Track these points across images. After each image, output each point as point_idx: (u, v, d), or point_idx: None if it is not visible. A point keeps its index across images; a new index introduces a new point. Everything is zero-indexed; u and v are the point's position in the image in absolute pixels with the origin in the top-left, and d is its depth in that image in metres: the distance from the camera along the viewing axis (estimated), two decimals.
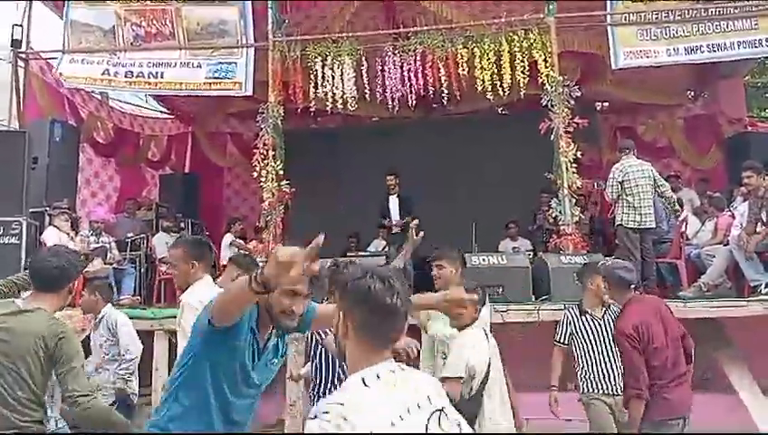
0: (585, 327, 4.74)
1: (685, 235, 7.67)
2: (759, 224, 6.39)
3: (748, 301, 5.98)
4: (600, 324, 4.73)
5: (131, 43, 8.53)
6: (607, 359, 4.60)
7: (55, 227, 7.60)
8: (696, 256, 7.52)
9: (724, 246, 6.89)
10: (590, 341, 4.68)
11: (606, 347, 4.63)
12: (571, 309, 4.94)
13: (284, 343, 2.48)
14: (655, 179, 7.08)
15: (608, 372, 4.57)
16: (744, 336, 5.86)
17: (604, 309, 4.77)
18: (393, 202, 8.98)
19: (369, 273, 1.76)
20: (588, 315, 4.78)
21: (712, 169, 10.81)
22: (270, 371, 2.41)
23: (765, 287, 6.10)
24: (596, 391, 4.54)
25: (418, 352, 3.26)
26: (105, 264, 8.07)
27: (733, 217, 7.47)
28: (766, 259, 6.33)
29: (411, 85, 7.99)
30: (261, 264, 2.38)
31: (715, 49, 7.66)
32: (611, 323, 4.61)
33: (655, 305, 4.17)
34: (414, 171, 9.64)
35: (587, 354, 4.66)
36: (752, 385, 5.65)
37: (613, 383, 4.52)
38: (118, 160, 11.09)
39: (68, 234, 7.67)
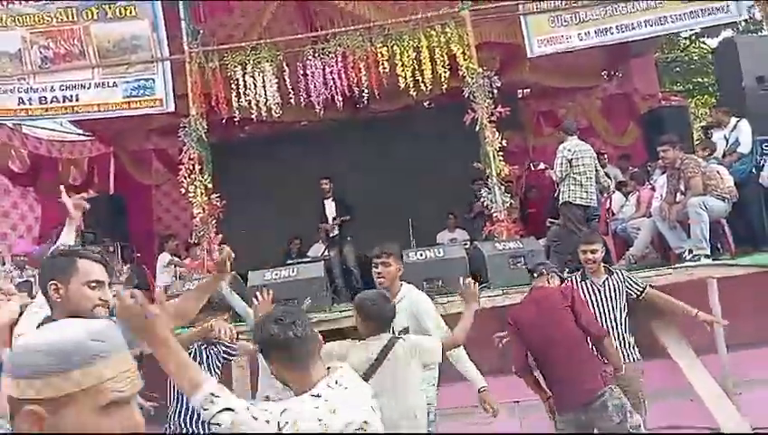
0: (586, 294, 4.80)
1: (610, 210, 7.99)
2: (678, 194, 6.72)
3: (674, 268, 6.26)
4: (600, 290, 4.82)
5: (39, 66, 8.23)
6: (611, 326, 4.70)
7: None
8: (621, 230, 7.85)
9: (648, 218, 7.21)
10: (592, 307, 4.70)
11: (609, 314, 4.75)
12: (574, 276, 5.05)
13: None
14: (597, 159, 7.38)
15: (614, 336, 4.65)
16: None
17: (606, 276, 4.90)
18: (329, 206, 9.08)
19: (264, 321, 2.10)
20: (588, 281, 4.89)
21: (631, 145, 11.29)
22: None
23: (689, 254, 6.39)
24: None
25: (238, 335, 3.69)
26: (30, 298, 7.77)
27: (653, 189, 7.84)
28: (687, 226, 6.65)
29: (335, 87, 8.01)
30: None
31: (624, 29, 8.01)
32: (615, 289, 4.80)
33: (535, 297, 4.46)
34: (347, 172, 9.72)
35: None
36: (687, 350, 5.92)
37: (620, 348, 4.63)
38: (37, 189, 10.67)
39: None
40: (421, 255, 6.63)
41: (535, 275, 4.66)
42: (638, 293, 4.95)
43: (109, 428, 1.14)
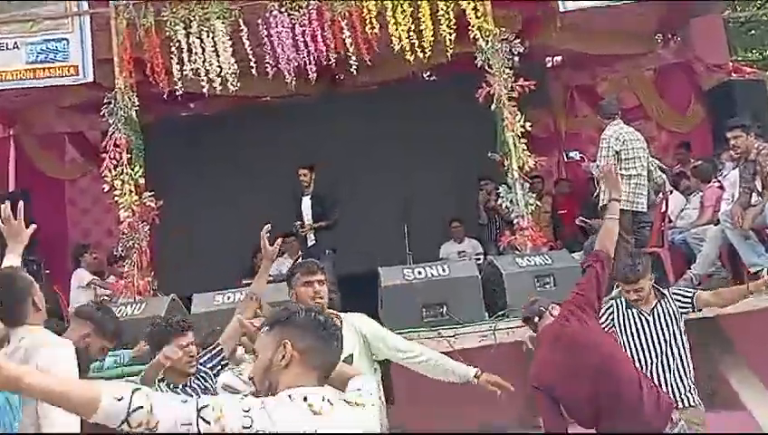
0: (630, 323, 4.85)
1: (666, 216, 8.01)
2: (753, 194, 6.73)
3: (750, 292, 6.24)
4: (650, 320, 4.84)
5: None
6: (666, 365, 4.73)
7: None
8: (681, 242, 7.86)
9: (715, 225, 7.22)
10: (639, 341, 4.76)
11: (664, 349, 4.77)
12: (616, 301, 5.05)
13: None
14: (648, 150, 7.40)
15: (666, 379, 4.69)
16: (747, 337, 6.15)
17: (656, 300, 4.91)
18: (306, 204, 9.02)
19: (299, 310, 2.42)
20: (635, 309, 4.91)
21: (692, 130, 11.32)
22: None
23: None
24: None
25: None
26: None
27: (722, 188, 7.86)
28: (766, 237, 6.66)
29: (308, 52, 8.01)
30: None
31: None
32: (670, 315, 4.83)
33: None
34: (325, 161, 9.68)
35: (636, 359, 4.74)
36: (764, 396, 5.93)
37: (674, 393, 4.65)
38: None
39: None
40: (420, 272, 6.62)
41: (536, 320, 4.65)
42: (689, 304, 4.96)
43: None
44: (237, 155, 10.86)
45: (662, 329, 4.82)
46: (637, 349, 4.81)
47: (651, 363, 4.74)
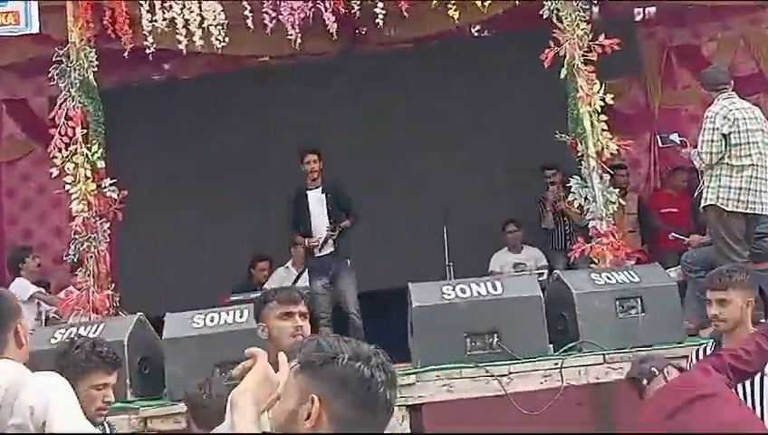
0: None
1: None
2: None
3: None
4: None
5: None
6: None
7: None
8: None
9: None
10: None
11: None
12: (708, 343, 5.07)
13: None
14: None
15: None
16: None
17: None
18: (315, 200, 8.96)
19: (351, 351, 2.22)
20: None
21: None
22: None
23: None
24: None
25: None
26: None
27: None
28: None
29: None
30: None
31: None
32: None
33: None
34: (339, 145, 9.68)
35: None
36: None
37: None
38: None
39: None
40: (463, 290, 6.56)
41: (644, 382, 4.60)
42: None
43: None
44: (224, 132, 10.87)
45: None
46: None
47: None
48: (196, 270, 9.77)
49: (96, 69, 7.97)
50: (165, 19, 8.01)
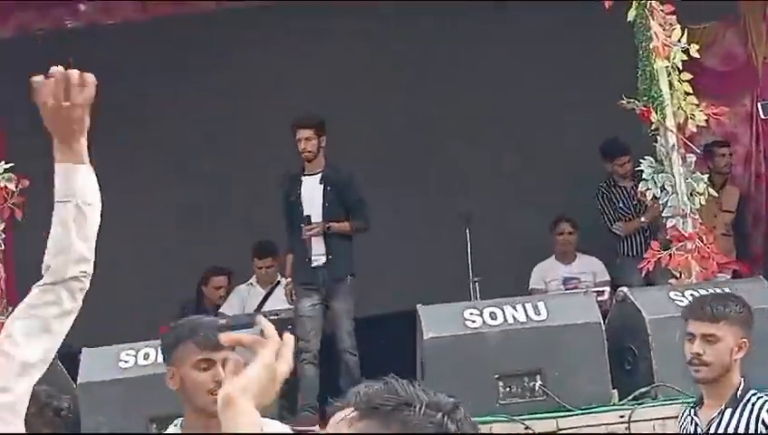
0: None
1: None
2: None
3: None
4: None
5: None
6: None
7: None
8: None
9: None
10: None
11: None
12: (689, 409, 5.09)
13: None
14: None
15: None
16: None
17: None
18: (310, 189, 9.01)
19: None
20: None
21: None
22: None
23: None
24: None
25: None
26: None
27: None
28: None
29: None
30: None
31: None
32: None
33: None
34: (342, 120, 9.78)
35: None
36: None
37: None
38: None
39: None
40: (493, 316, 6.66)
41: None
42: None
43: None
44: (168, 100, 11.10)
45: None
46: None
47: None
48: (127, 288, 9.88)
49: None
50: None
